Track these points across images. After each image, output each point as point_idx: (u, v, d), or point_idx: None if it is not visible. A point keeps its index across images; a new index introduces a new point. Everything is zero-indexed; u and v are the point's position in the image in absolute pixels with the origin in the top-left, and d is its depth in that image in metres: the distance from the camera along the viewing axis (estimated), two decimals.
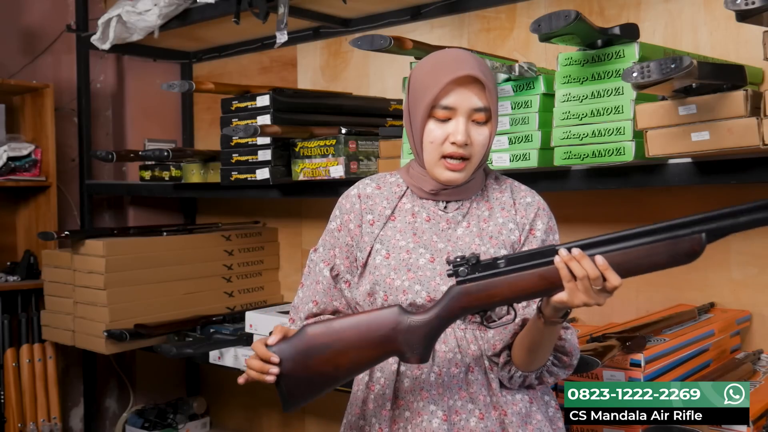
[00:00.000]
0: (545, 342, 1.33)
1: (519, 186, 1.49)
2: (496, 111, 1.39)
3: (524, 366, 1.36)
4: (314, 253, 1.52)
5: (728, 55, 2.02)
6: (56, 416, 3.13)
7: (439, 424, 1.36)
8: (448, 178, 1.39)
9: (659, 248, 1.19)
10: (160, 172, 2.94)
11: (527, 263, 1.23)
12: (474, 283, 1.26)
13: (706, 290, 2.13)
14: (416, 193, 1.46)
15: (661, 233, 1.19)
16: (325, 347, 1.30)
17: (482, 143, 1.38)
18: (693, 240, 1.18)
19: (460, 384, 1.38)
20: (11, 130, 3.22)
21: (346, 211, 1.48)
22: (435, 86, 1.35)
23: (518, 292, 1.24)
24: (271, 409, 3.34)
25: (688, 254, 1.19)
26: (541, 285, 1.22)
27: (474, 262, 1.26)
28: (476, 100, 1.35)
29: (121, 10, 2.94)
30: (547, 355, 1.37)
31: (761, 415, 1.63)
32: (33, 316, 3.16)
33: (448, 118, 1.36)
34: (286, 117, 2.41)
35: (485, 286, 1.25)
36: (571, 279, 1.18)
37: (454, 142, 1.35)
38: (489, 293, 1.25)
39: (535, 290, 1.23)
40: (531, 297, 1.26)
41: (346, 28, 2.91)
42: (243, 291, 3.16)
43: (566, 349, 1.38)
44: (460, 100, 1.35)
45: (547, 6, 2.42)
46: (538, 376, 1.39)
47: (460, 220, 1.43)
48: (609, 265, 1.17)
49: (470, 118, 1.36)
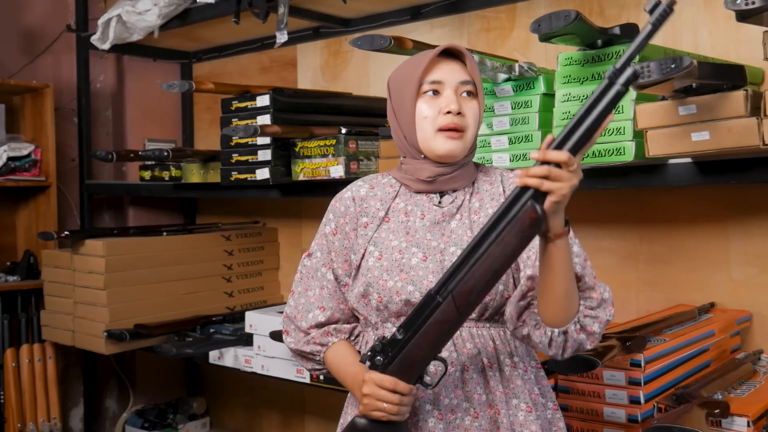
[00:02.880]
0: (564, 272, 1.24)
1: (508, 174, 1.49)
2: (481, 89, 1.43)
3: (558, 317, 1.27)
4: (309, 258, 1.52)
5: (728, 55, 2.02)
6: (56, 416, 3.13)
7: (435, 423, 1.36)
8: (448, 149, 1.39)
9: (506, 239, 1.18)
10: (160, 172, 2.94)
11: (420, 319, 1.26)
12: (392, 364, 1.29)
13: (706, 290, 2.13)
14: (411, 187, 1.46)
15: (498, 225, 1.19)
16: None
17: (474, 116, 1.41)
18: (525, 211, 1.16)
19: (456, 383, 1.38)
20: (11, 130, 3.22)
21: (341, 214, 1.49)
22: (419, 67, 1.40)
23: (430, 347, 1.27)
24: (271, 409, 3.35)
25: (533, 225, 1.17)
26: (442, 329, 1.25)
27: (380, 348, 1.29)
28: (462, 73, 1.41)
29: (121, 10, 2.94)
30: (575, 295, 1.28)
31: (761, 415, 1.63)
32: (33, 316, 3.16)
33: (436, 91, 1.40)
34: (286, 117, 2.41)
35: (401, 361, 1.28)
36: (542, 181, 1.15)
37: (448, 111, 1.38)
38: (409, 365, 1.28)
39: (441, 337, 1.26)
40: (443, 344, 1.28)
41: (346, 28, 2.91)
42: (243, 291, 3.16)
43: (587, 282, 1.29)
44: (446, 74, 1.40)
45: (547, 6, 2.42)
46: (579, 326, 1.29)
47: (454, 212, 1.44)
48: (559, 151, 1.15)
49: (458, 92, 1.40)
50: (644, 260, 2.23)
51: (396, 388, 1.28)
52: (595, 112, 1.14)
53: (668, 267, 2.19)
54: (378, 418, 1.30)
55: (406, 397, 1.29)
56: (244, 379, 3.04)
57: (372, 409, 1.29)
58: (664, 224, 2.19)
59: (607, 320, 1.32)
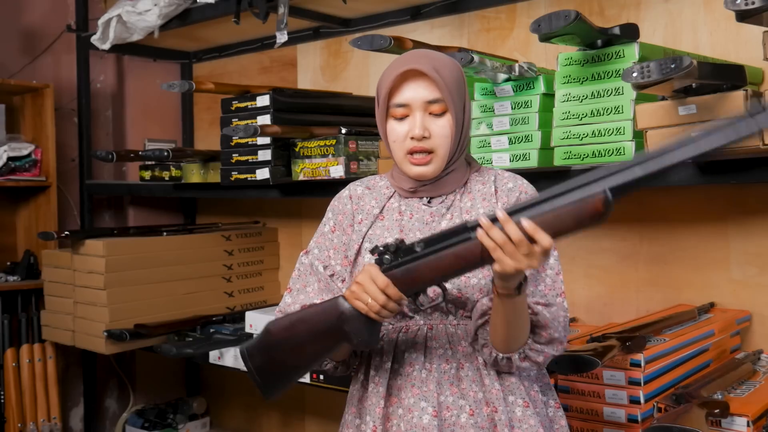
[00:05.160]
0: (514, 318, 1.30)
1: (502, 174, 1.49)
2: (457, 102, 1.39)
3: (502, 346, 1.34)
4: (305, 256, 1.52)
5: (728, 55, 2.02)
6: (56, 416, 3.13)
7: (430, 420, 1.36)
8: (416, 173, 1.41)
9: (564, 212, 1.16)
10: (160, 172, 2.94)
11: (443, 244, 1.25)
12: (398, 269, 1.28)
13: (706, 290, 2.13)
14: (400, 193, 1.48)
15: (565, 195, 1.16)
16: (284, 342, 1.36)
17: (443, 135, 1.39)
18: (595, 199, 1.13)
19: (452, 380, 1.38)
20: (11, 130, 3.22)
21: (339, 212, 1.51)
22: (386, 86, 1.39)
23: (440, 273, 1.26)
24: (271, 409, 3.35)
25: (593, 216, 1.14)
26: (459, 263, 1.24)
27: (394, 249, 1.28)
28: (428, 92, 1.38)
29: (121, 10, 2.94)
30: (523, 333, 1.33)
31: (761, 415, 1.63)
32: (33, 316, 3.16)
33: (405, 116, 1.40)
34: (286, 117, 2.41)
35: (407, 270, 1.27)
36: (496, 247, 1.18)
37: (412, 137, 1.38)
38: (412, 277, 1.27)
39: (455, 269, 1.25)
40: (453, 275, 1.28)
41: (346, 28, 2.91)
42: (243, 291, 3.17)
43: (540, 322, 1.33)
44: (412, 96, 1.38)
45: (547, 6, 2.42)
46: (524, 356, 1.35)
47: (444, 212, 1.44)
48: (537, 227, 1.16)
49: (426, 111, 1.39)
50: (644, 260, 2.24)
51: (386, 290, 1.27)
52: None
53: (668, 267, 2.19)
54: (357, 308, 1.30)
55: (392, 303, 1.28)
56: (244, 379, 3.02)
57: (355, 298, 1.30)
58: (664, 224, 2.19)
59: (552, 355, 1.37)
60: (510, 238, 1.17)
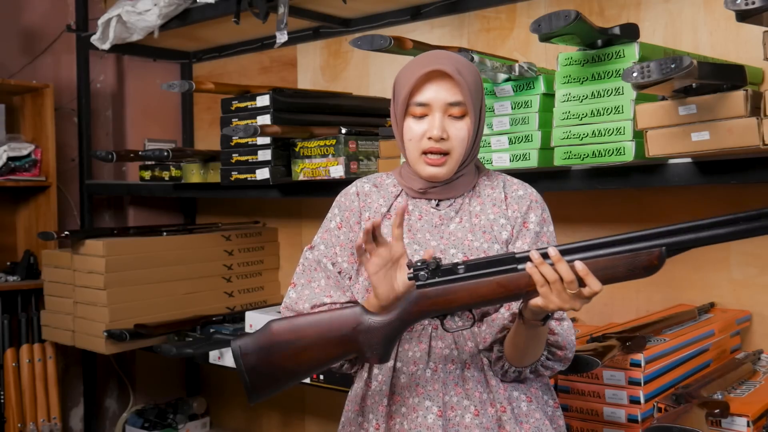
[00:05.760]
0: (533, 341, 1.33)
1: (511, 180, 1.49)
2: (476, 106, 1.39)
3: (516, 362, 1.36)
4: (310, 251, 1.50)
5: (728, 55, 2.02)
6: (56, 416, 3.13)
7: (434, 419, 1.36)
8: (429, 174, 1.40)
9: (618, 260, 1.19)
10: (160, 172, 2.94)
11: (486, 270, 1.24)
12: (433, 288, 1.26)
13: (706, 290, 2.13)
14: (408, 193, 1.47)
15: (621, 245, 1.19)
16: (288, 344, 1.32)
17: (461, 138, 1.39)
18: (651, 254, 1.18)
19: (456, 380, 1.39)
20: (11, 130, 3.22)
21: (346, 209, 1.49)
22: (408, 83, 1.38)
23: (477, 299, 1.25)
24: (271, 409, 3.35)
25: (646, 268, 1.19)
26: (500, 292, 1.23)
27: (434, 266, 1.26)
28: (449, 94, 1.37)
29: (121, 10, 2.94)
30: (539, 352, 1.37)
31: (761, 415, 1.63)
32: (33, 316, 3.16)
33: (424, 115, 1.39)
34: (286, 117, 2.41)
35: (444, 291, 1.26)
36: (544, 283, 1.19)
37: (430, 137, 1.37)
38: (447, 299, 1.26)
39: (494, 297, 1.24)
40: (490, 304, 1.27)
41: (346, 28, 2.91)
42: (243, 291, 3.17)
43: (560, 343, 1.38)
44: (433, 96, 1.37)
45: (547, 6, 2.42)
46: (533, 370, 1.39)
47: (453, 216, 1.44)
48: (589, 271, 1.18)
49: (446, 113, 1.38)
50: None
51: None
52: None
53: (668, 267, 2.17)
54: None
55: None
56: None
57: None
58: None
59: (558, 371, 1.43)
60: (561, 277, 1.18)
